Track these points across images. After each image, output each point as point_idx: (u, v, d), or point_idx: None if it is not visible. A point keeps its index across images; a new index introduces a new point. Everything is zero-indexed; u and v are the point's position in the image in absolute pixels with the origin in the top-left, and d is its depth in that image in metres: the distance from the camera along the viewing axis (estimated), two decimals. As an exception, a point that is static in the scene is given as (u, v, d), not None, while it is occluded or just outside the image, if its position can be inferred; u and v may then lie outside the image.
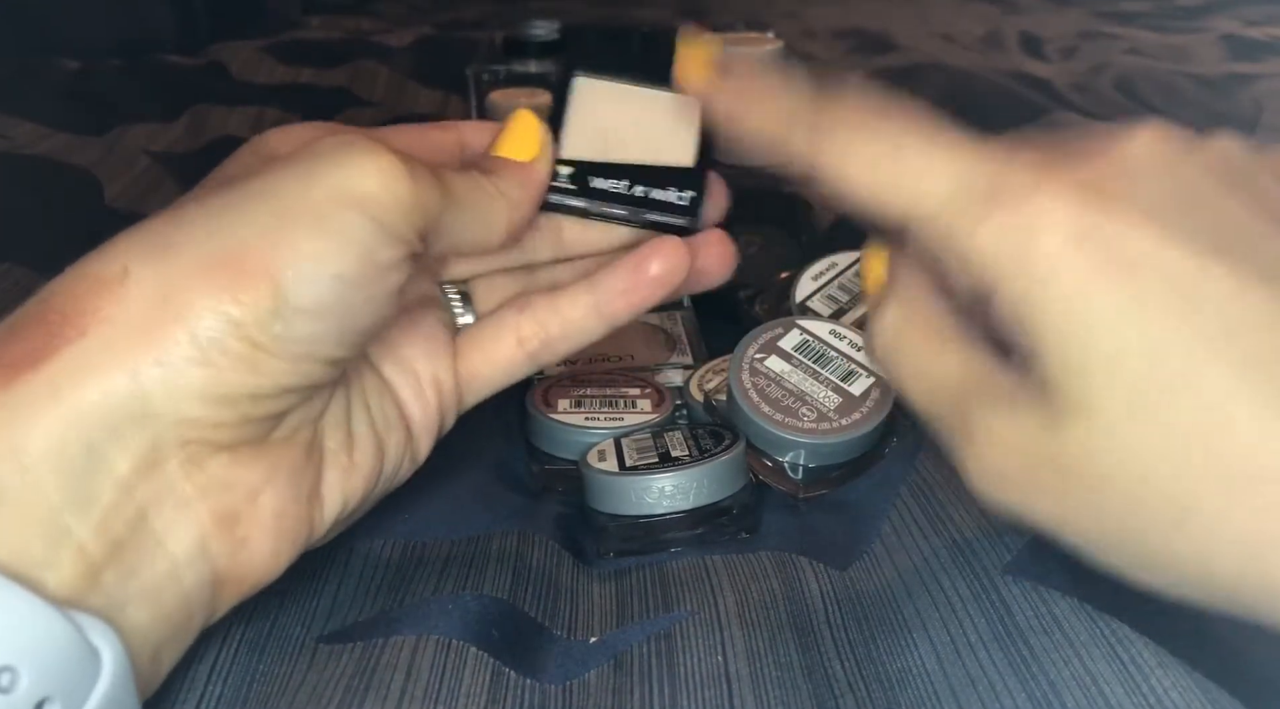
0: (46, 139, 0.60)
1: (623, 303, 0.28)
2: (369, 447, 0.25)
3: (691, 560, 0.29)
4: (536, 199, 0.26)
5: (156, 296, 0.20)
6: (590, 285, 0.28)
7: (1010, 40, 0.97)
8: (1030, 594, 0.26)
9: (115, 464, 0.20)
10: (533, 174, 0.26)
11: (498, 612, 0.26)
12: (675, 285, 0.28)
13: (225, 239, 0.21)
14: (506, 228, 0.25)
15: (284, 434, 0.23)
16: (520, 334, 0.28)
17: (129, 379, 0.20)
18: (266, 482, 0.22)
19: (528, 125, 0.27)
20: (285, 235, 0.21)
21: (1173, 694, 0.22)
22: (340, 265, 0.21)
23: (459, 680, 0.24)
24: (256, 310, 0.20)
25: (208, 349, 0.20)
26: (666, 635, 0.26)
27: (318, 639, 0.26)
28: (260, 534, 0.22)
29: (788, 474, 0.33)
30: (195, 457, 0.21)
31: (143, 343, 0.20)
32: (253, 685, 0.25)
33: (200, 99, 0.69)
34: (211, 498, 0.21)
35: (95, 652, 0.19)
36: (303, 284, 0.21)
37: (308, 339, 0.21)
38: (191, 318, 0.20)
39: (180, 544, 0.21)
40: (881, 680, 0.25)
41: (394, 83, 0.79)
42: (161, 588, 0.21)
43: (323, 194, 0.21)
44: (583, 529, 0.32)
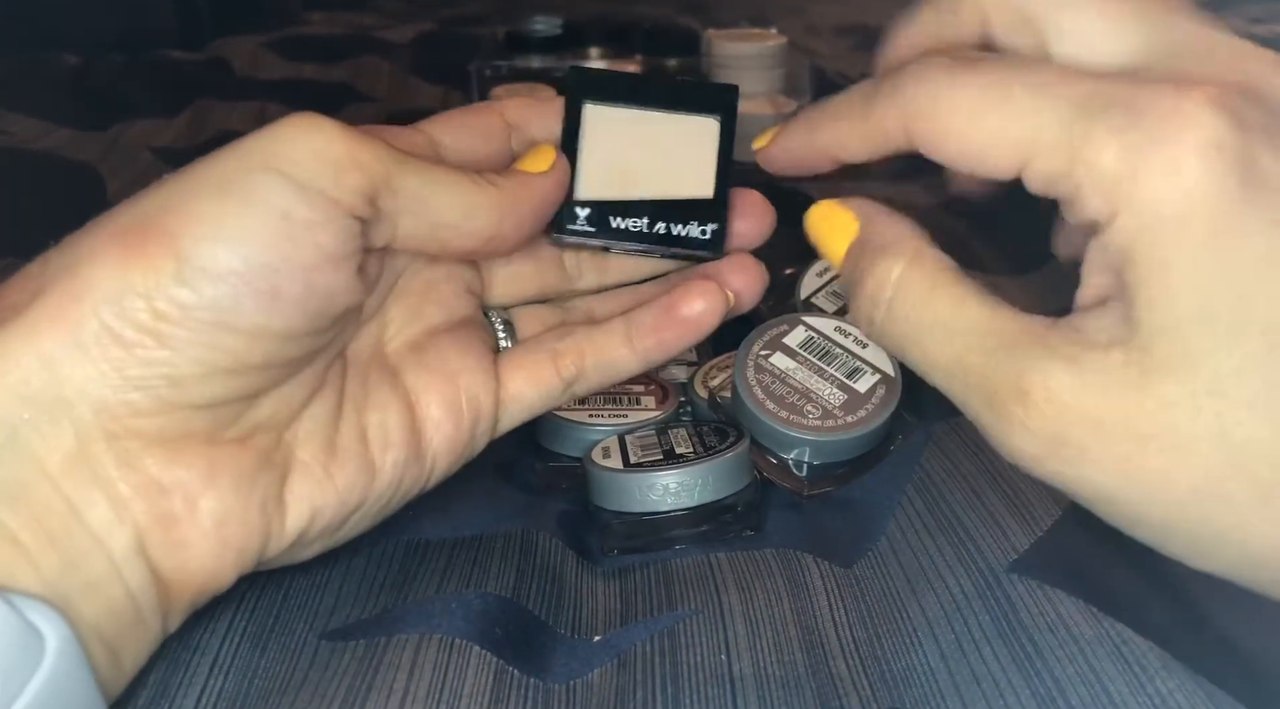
0: (48, 135, 0.60)
1: (653, 340, 0.28)
2: (353, 461, 0.24)
3: (696, 558, 0.29)
4: (538, 202, 0.26)
5: (65, 277, 0.20)
6: (626, 320, 0.28)
7: (1014, 37, 0.97)
8: (1035, 592, 0.26)
9: (39, 453, 0.20)
10: (537, 180, 0.26)
11: (501, 610, 0.26)
12: (711, 326, 0.28)
13: (127, 216, 0.21)
14: (496, 217, 0.25)
15: (234, 436, 0.22)
16: (558, 360, 0.28)
17: (41, 363, 0.20)
18: (208, 485, 0.22)
19: (542, 152, 0.26)
20: (188, 202, 0.21)
21: (1177, 696, 0.22)
22: (242, 224, 0.21)
23: (462, 679, 0.24)
24: (158, 275, 0.20)
25: (112, 323, 0.20)
26: (670, 634, 0.26)
27: (320, 636, 0.26)
28: (200, 539, 0.22)
29: (792, 471, 0.33)
30: (127, 453, 0.21)
31: (51, 324, 0.20)
32: (254, 681, 0.25)
33: (202, 95, 0.69)
34: (147, 498, 0.21)
35: (37, 633, 0.19)
36: (202, 243, 0.20)
37: (216, 305, 0.20)
38: (94, 291, 0.20)
39: (117, 542, 0.21)
40: (886, 679, 0.25)
41: (396, 78, 0.79)
42: (105, 583, 0.20)
43: (235, 162, 0.21)
44: (587, 527, 0.32)
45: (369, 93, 0.75)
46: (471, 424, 0.26)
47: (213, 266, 0.20)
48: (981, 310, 0.21)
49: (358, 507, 0.25)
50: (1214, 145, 0.18)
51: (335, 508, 0.24)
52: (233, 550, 0.22)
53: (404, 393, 0.26)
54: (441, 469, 0.26)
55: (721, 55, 0.62)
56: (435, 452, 0.26)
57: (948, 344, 0.21)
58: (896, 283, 0.23)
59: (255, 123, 0.65)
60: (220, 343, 0.21)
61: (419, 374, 0.26)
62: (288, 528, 0.23)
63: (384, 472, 0.25)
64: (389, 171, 0.22)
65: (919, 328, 0.22)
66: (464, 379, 0.26)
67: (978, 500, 0.30)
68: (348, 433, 0.25)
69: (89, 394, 0.20)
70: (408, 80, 0.79)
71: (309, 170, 0.21)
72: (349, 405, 0.25)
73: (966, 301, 0.21)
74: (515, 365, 0.27)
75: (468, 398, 0.26)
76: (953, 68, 0.21)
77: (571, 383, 0.28)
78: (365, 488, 0.25)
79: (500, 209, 0.25)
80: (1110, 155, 0.18)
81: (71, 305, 0.20)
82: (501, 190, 0.25)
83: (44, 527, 0.20)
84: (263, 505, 0.23)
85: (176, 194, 0.21)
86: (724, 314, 0.28)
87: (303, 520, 0.23)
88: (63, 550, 0.20)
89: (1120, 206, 0.18)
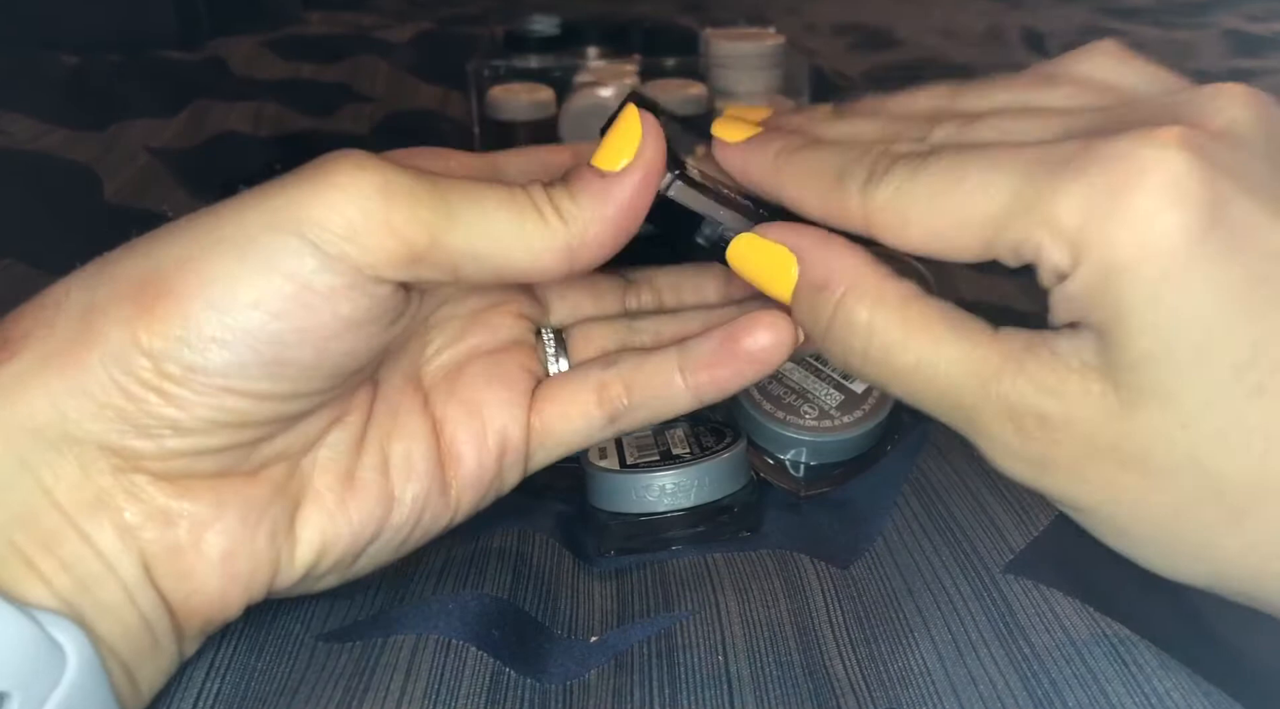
0: (46, 135, 0.60)
1: (708, 376, 0.25)
2: (371, 492, 0.23)
3: (692, 559, 0.29)
4: (617, 218, 0.22)
5: (79, 321, 0.20)
6: (681, 350, 0.25)
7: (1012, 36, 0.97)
8: (1032, 593, 0.26)
9: (46, 483, 0.20)
10: (614, 189, 0.22)
11: (498, 611, 0.26)
12: (775, 363, 0.25)
13: (152, 263, 0.20)
14: (567, 258, 0.22)
15: (246, 468, 0.22)
16: (602, 392, 0.25)
17: (48, 403, 0.20)
18: (215, 517, 0.21)
19: (625, 127, 0.22)
20: (202, 261, 0.20)
21: (1174, 696, 0.22)
22: (257, 293, 0.20)
23: (459, 680, 0.24)
24: (165, 338, 0.19)
25: (118, 377, 0.19)
26: (667, 635, 0.26)
27: (317, 638, 0.26)
28: (206, 570, 0.21)
29: (789, 472, 0.33)
30: (133, 485, 0.20)
31: (60, 367, 0.20)
32: (251, 683, 0.25)
33: (200, 94, 0.69)
34: (153, 528, 0.21)
35: (58, 647, 0.19)
36: (213, 309, 0.19)
37: (225, 372, 0.20)
38: (103, 343, 0.20)
39: (126, 569, 0.20)
40: (883, 680, 0.25)
41: (394, 78, 0.79)
42: (118, 606, 0.20)
43: (260, 218, 0.20)
44: (583, 528, 0.32)
45: (367, 93, 0.75)
46: (497, 458, 0.25)
47: (220, 334, 0.20)
48: (959, 345, 0.20)
49: (372, 540, 0.24)
50: (1174, 188, 0.17)
51: (349, 540, 0.23)
52: (239, 583, 0.22)
53: (433, 422, 0.25)
54: (467, 506, 0.25)
55: (720, 54, 0.62)
56: (459, 487, 0.25)
57: (932, 382, 0.21)
58: (866, 329, 0.21)
59: (253, 123, 0.66)
60: (226, 404, 0.20)
61: (447, 403, 0.25)
62: (297, 560, 0.23)
63: (403, 504, 0.24)
64: (434, 232, 0.20)
65: (899, 371, 0.21)
66: (490, 411, 0.25)
67: (974, 501, 0.30)
68: (369, 462, 0.24)
69: (95, 434, 0.20)
70: (406, 80, 0.79)
71: (337, 237, 0.20)
72: (374, 432, 0.24)
73: (943, 339, 0.21)
74: (552, 398, 0.26)
75: (493, 431, 0.25)
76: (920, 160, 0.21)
77: (616, 417, 0.26)
78: (381, 521, 0.24)
79: (570, 244, 0.22)
80: (1065, 209, 0.18)
81: (81, 353, 0.20)
82: (569, 223, 0.22)
83: (55, 551, 0.20)
84: (271, 537, 0.22)
85: (197, 247, 0.20)
86: (791, 350, 0.25)
87: (313, 553, 0.23)
88: (75, 574, 0.20)
89: (1080, 256, 0.18)
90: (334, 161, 0.20)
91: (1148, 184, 0.17)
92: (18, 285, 0.44)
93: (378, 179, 0.20)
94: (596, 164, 0.22)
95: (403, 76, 0.79)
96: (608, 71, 0.62)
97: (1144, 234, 0.17)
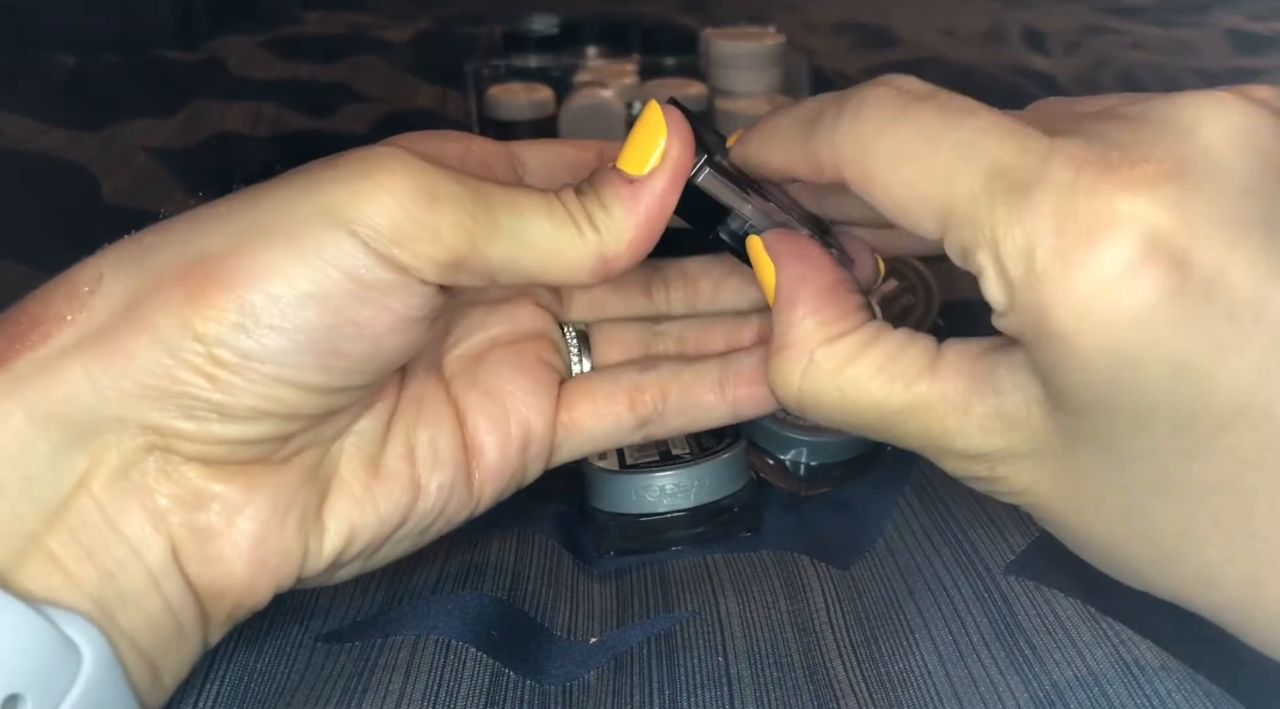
0: (43, 135, 0.60)
1: (747, 392, 0.25)
2: (398, 482, 0.23)
3: (692, 560, 0.29)
4: (648, 224, 0.22)
5: (122, 305, 0.20)
6: (722, 363, 0.25)
7: (1013, 35, 0.97)
8: (1033, 594, 0.26)
9: (81, 469, 0.20)
10: (642, 194, 0.22)
11: (497, 612, 0.26)
12: None
13: (197, 249, 0.20)
14: (600, 267, 0.22)
15: (281, 455, 0.22)
16: (636, 395, 0.25)
17: (89, 385, 0.19)
18: (246, 501, 0.21)
19: (650, 127, 0.22)
20: (258, 250, 0.20)
21: (1176, 697, 0.22)
22: (315, 284, 0.20)
23: (458, 681, 0.24)
24: (220, 325, 0.19)
25: (167, 362, 0.19)
26: (667, 636, 0.26)
27: (316, 638, 0.26)
28: (235, 555, 0.21)
29: (789, 472, 0.32)
30: (168, 463, 0.20)
31: (103, 350, 0.19)
32: (250, 684, 0.24)
33: (198, 94, 0.69)
34: (183, 511, 0.21)
35: (74, 646, 0.19)
36: (270, 298, 0.19)
37: (279, 360, 0.20)
38: (151, 329, 0.19)
39: (153, 554, 0.20)
40: (883, 681, 0.25)
41: (393, 78, 0.79)
42: (143, 594, 0.20)
43: (309, 209, 0.20)
44: (583, 528, 0.31)
45: (366, 92, 0.75)
46: (520, 450, 0.25)
47: (279, 322, 0.20)
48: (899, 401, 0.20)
49: (397, 527, 0.23)
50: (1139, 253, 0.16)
51: (375, 528, 0.23)
52: (269, 569, 0.22)
53: (456, 409, 0.25)
54: (490, 495, 0.25)
55: (719, 54, 0.62)
56: (482, 476, 0.25)
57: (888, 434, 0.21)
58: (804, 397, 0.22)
59: (251, 122, 0.65)
60: (276, 394, 0.20)
61: (469, 392, 0.25)
62: (325, 548, 0.22)
63: (428, 493, 0.24)
64: (474, 241, 0.20)
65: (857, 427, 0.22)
66: (514, 400, 0.25)
67: (974, 501, 0.30)
68: (395, 451, 0.23)
69: (138, 416, 0.20)
70: (405, 80, 0.79)
71: (385, 237, 0.20)
72: (400, 421, 0.24)
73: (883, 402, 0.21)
74: (584, 393, 0.26)
75: (516, 421, 0.25)
76: (903, 103, 0.19)
77: (647, 422, 0.26)
78: (407, 509, 0.23)
79: (603, 253, 0.22)
80: (1010, 247, 0.17)
81: (128, 338, 0.19)
82: (603, 233, 0.22)
83: (80, 540, 0.20)
84: (300, 524, 0.22)
85: (245, 235, 0.20)
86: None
87: (340, 540, 0.23)
88: (99, 563, 0.20)
89: (1016, 305, 0.17)
90: (379, 160, 0.20)
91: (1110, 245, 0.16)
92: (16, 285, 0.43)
93: (424, 182, 0.20)
94: (622, 167, 0.22)
95: (402, 76, 0.79)
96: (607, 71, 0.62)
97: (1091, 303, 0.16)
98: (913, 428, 0.21)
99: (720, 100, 0.62)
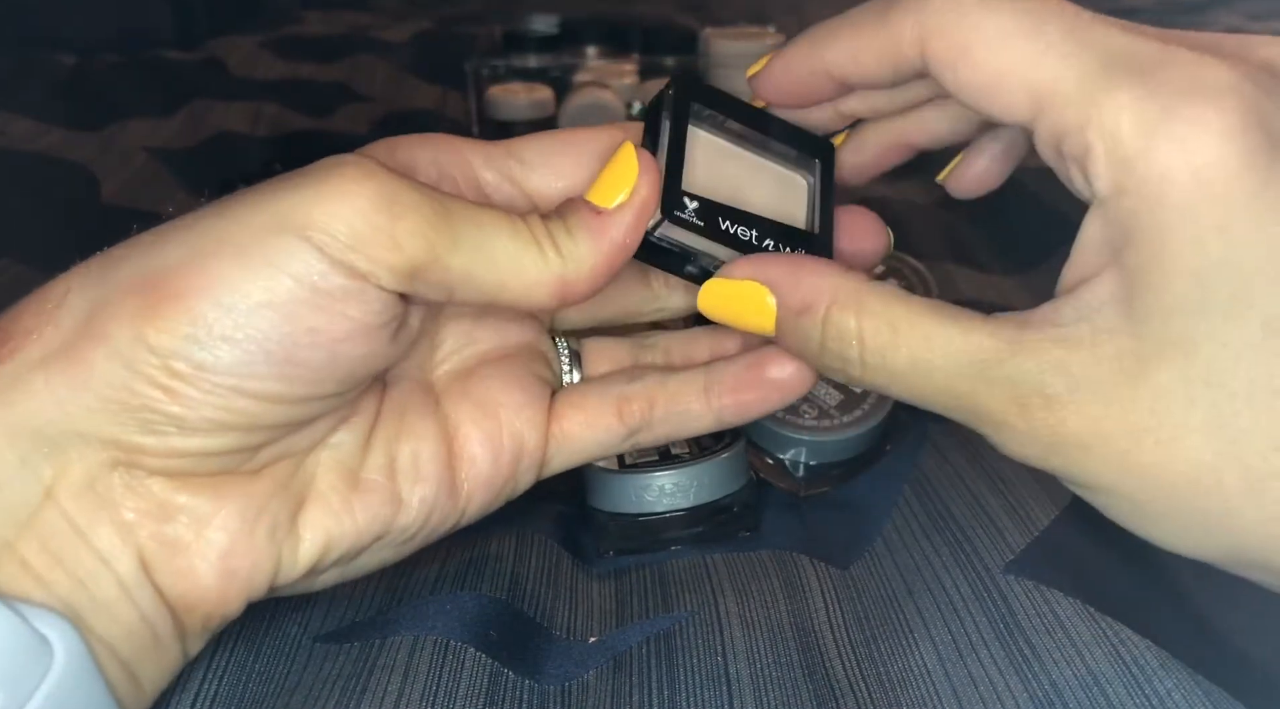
0: (43, 135, 0.60)
1: (732, 400, 0.25)
2: (377, 494, 0.23)
3: (691, 559, 0.29)
4: (610, 255, 0.22)
5: (84, 318, 0.20)
6: (706, 372, 0.26)
7: (1012, 35, 0.97)
8: (1032, 593, 0.26)
9: (46, 479, 0.20)
10: (608, 225, 0.22)
11: (496, 612, 0.26)
12: (800, 393, 0.25)
13: (157, 262, 0.20)
14: (559, 290, 0.22)
15: (249, 467, 0.22)
16: (624, 405, 0.26)
17: (52, 399, 0.19)
18: (214, 513, 0.21)
19: (622, 164, 0.23)
20: (210, 261, 0.20)
21: (1175, 696, 0.22)
22: (267, 293, 0.19)
23: (456, 681, 0.24)
24: (174, 335, 0.19)
25: (123, 375, 0.19)
26: (666, 635, 0.26)
27: (314, 639, 0.26)
28: (205, 567, 0.21)
29: (789, 472, 0.33)
30: (134, 479, 0.20)
31: (64, 364, 0.19)
32: (248, 685, 0.24)
33: (198, 94, 0.69)
34: (151, 524, 0.21)
35: (45, 641, 0.19)
36: (221, 308, 0.19)
37: (235, 371, 0.20)
38: (108, 341, 0.19)
39: (123, 566, 0.20)
40: (883, 680, 0.25)
41: (392, 78, 0.79)
42: (116, 604, 0.20)
43: (263, 219, 0.20)
44: (582, 528, 0.31)
45: (366, 92, 0.75)
46: (513, 462, 0.25)
47: (232, 332, 0.19)
48: (950, 338, 0.20)
49: (377, 539, 0.23)
50: (1241, 125, 0.17)
51: (352, 540, 0.23)
52: (239, 579, 0.22)
53: (443, 423, 0.24)
54: (477, 507, 0.25)
55: (719, 54, 0.62)
56: (470, 489, 0.24)
57: (930, 378, 0.21)
58: (857, 338, 0.21)
59: (251, 122, 0.65)
60: (234, 405, 0.20)
61: (461, 404, 0.25)
62: (300, 558, 0.22)
63: (409, 507, 0.24)
64: (435, 250, 0.20)
65: (896, 374, 0.21)
66: (508, 413, 0.25)
67: (974, 500, 0.30)
68: (375, 463, 0.23)
69: (98, 429, 0.20)
70: (405, 79, 0.79)
71: (341, 243, 0.20)
72: (381, 433, 0.24)
73: (933, 335, 0.20)
74: (575, 405, 0.26)
75: (510, 433, 0.25)
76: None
77: (635, 431, 0.26)
78: (387, 522, 0.23)
79: (564, 277, 0.22)
80: (1127, 122, 0.18)
81: (85, 350, 0.19)
82: (566, 258, 0.22)
83: (50, 549, 0.20)
84: (272, 534, 0.22)
85: (200, 247, 0.20)
86: (816, 381, 0.25)
87: (316, 551, 0.22)
88: (70, 571, 0.20)
89: (1129, 181, 0.18)
90: (339, 167, 0.20)
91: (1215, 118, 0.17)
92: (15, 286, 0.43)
93: (384, 190, 0.20)
94: (591, 199, 0.23)
95: (401, 76, 0.79)
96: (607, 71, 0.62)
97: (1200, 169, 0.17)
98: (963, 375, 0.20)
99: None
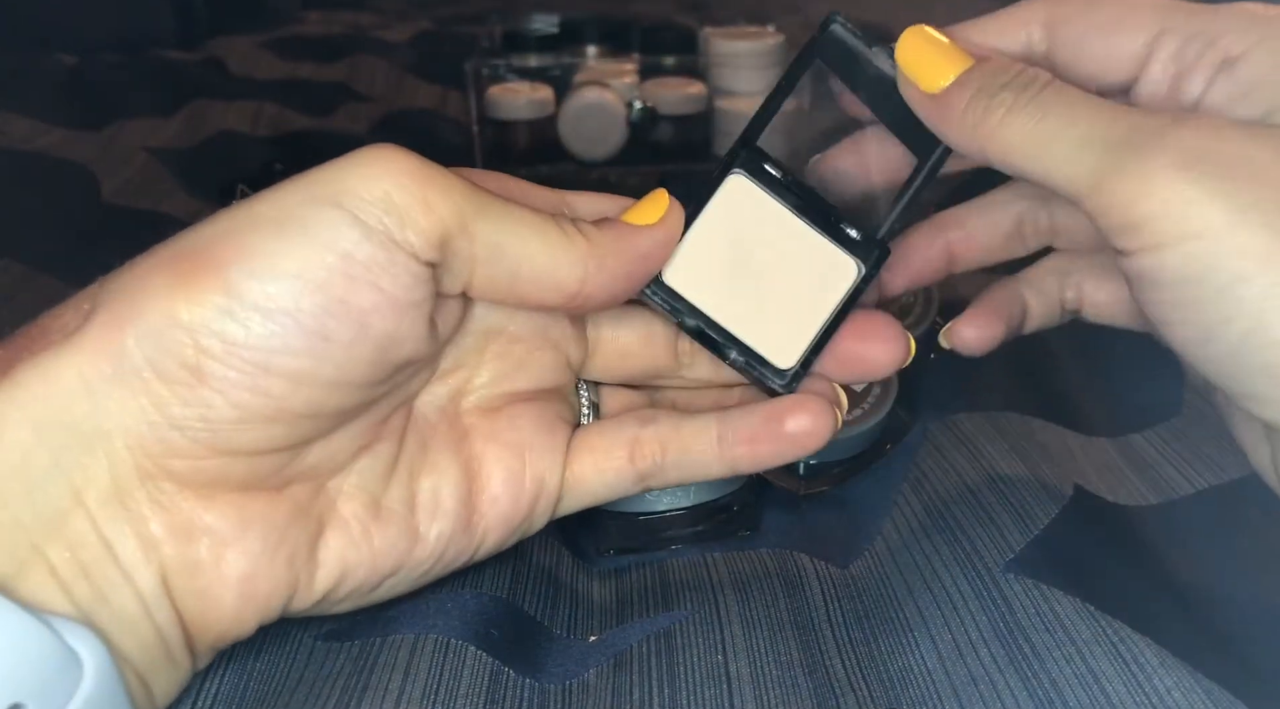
0: (43, 135, 0.60)
1: (746, 450, 0.25)
2: (396, 526, 0.23)
3: (692, 558, 0.29)
4: (633, 260, 0.23)
5: (115, 302, 0.20)
6: (721, 419, 0.26)
7: (1012, 34, 0.97)
8: (1032, 592, 0.26)
9: (77, 484, 0.20)
10: (637, 235, 0.24)
11: (496, 610, 0.26)
12: (814, 448, 0.25)
13: (189, 242, 0.20)
14: (581, 273, 0.22)
15: (274, 483, 0.22)
16: (635, 449, 0.26)
17: (84, 389, 0.19)
18: (237, 537, 0.21)
19: (656, 198, 0.24)
20: (246, 234, 0.20)
21: (1175, 694, 0.22)
22: (298, 260, 0.20)
23: (457, 680, 0.24)
24: (204, 308, 0.19)
25: (154, 354, 0.19)
26: (666, 634, 0.26)
27: (316, 637, 0.26)
28: (223, 590, 0.21)
29: (788, 471, 0.33)
30: (161, 493, 0.20)
31: (94, 351, 0.19)
32: (250, 683, 0.24)
33: (198, 94, 0.69)
34: (175, 542, 0.21)
35: (75, 656, 0.19)
36: (254, 277, 0.19)
37: (266, 345, 0.20)
38: (139, 320, 0.19)
39: (145, 582, 0.20)
40: (882, 679, 0.25)
41: (393, 78, 0.79)
42: (135, 619, 0.20)
43: (300, 196, 0.20)
44: (583, 527, 0.31)
45: (366, 92, 0.75)
46: (531, 502, 0.25)
47: (263, 303, 0.19)
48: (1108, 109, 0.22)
49: (392, 572, 0.24)
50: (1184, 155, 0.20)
51: (368, 571, 0.23)
52: (255, 603, 0.22)
53: (466, 460, 0.24)
54: (492, 545, 0.25)
55: (719, 53, 0.62)
56: (487, 527, 0.25)
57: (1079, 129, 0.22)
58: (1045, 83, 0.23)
59: (251, 122, 0.65)
60: (262, 385, 0.20)
61: (487, 443, 0.25)
62: (316, 585, 0.22)
63: (426, 541, 0.24)
64: (464, 216, 0.21)
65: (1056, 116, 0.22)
66: (533, 455, 0.25)
67: (974, 499, 0.30)
68: (396, 495, 0.23)
69: (126, 427, 0.20)
70: (404, 79, 0.79)
71: (376, 209, 0.20)
72: (404, 465, 0.24)
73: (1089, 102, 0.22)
74: (587, 447, 0.26)
75: (533, 475, 0.25)
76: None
77: (646, 476, 0.26)
78: (404, 555, 0.23)
79: (586, 264, 0.22)
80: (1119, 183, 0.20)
81: (116, 333, 0.19)
82: (592, 243, 0.23)
83: (78, 558, 0.20)
84: (291, 560, 0.22)
85: (235, 223, 0.20)
86: (831, 436, 0.26)
87: (332, 579, 0.23)
88: (94, 583, 0.20)
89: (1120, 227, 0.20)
90: (374, 147, 0.21)
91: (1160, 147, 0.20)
92: (15, 286, 0.44)
93: (415, 162, 0.21)
94: (626, 219, 0.24)
95: (402, 76, 0.79)
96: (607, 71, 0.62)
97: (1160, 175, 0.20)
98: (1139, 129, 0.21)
99: (720, 100, 0.62)
